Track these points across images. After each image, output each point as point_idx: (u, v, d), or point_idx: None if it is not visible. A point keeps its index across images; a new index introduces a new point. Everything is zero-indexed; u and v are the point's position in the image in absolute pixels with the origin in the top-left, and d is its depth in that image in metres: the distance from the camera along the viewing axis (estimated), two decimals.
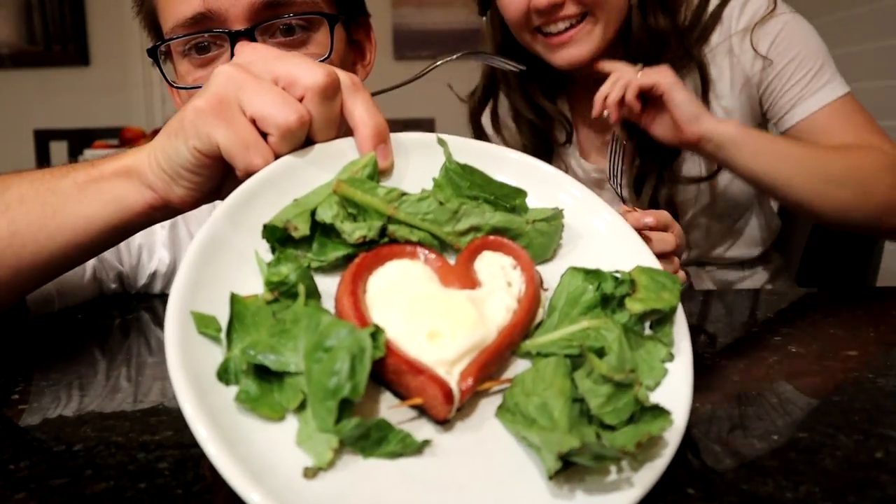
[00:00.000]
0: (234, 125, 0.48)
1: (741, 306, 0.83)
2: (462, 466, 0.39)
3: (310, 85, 0.48)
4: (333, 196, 0.46)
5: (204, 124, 0.49)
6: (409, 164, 0.51)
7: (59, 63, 3.87)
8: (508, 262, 0.48)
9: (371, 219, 0.46)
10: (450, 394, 0.39)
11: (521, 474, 0.39)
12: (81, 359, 0.68)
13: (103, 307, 0.90)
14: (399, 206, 0.46)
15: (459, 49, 1.19)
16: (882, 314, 0.80)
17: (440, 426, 0.41)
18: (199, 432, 0.36)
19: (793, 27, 1.12)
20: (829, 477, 0.41)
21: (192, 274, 0.42)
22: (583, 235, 0.52)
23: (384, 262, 0.45)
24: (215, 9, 0.80)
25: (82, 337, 0.77)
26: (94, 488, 0.42)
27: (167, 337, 0.39)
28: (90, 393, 0.59)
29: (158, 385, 0.61)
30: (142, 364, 0.67)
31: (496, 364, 0.43)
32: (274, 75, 0.50)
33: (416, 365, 0.40)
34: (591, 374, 0.41)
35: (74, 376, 0.63)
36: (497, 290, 0.46)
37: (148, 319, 0.85)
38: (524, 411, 0.40)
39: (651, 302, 0.45)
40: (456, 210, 0.47)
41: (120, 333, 0.79)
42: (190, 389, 0.37)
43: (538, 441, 0.38)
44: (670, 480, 0.41)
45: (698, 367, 0.61)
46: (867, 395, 0.54)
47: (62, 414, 0.54)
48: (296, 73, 0.49)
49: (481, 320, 0.43)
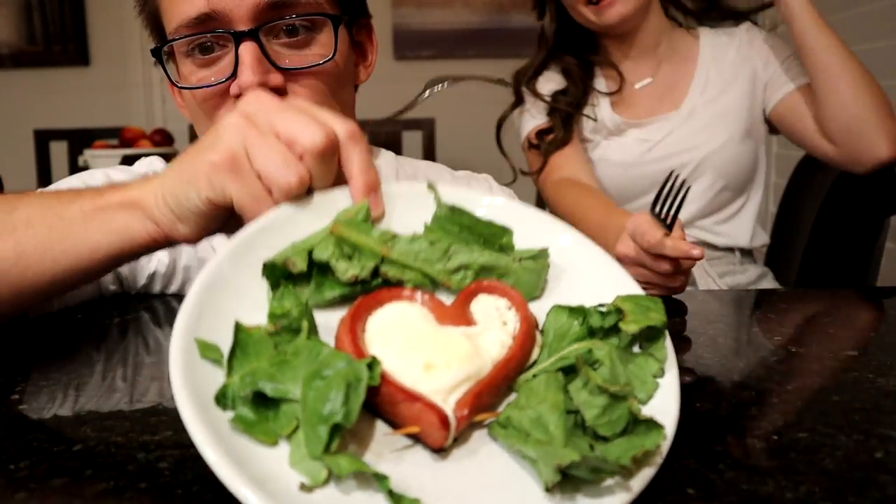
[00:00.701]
0: (246, 181, 0.52)
1: (741, 306, 0.83)
2: (459, 476, 0.40)
3: (308, 147, 0.51)
4: (330, 237, 0.48)
5: (219, 179, 0.53)
6: (401, 212, 0.53)
7: (59, 63, 3.86)
8: (503, 304, 0.49)
9: (365, 259, 0.48)
10: (446, 420, 0.40)
11: (517, 483, 0.39)
12: (81, 359, 0.68)
13: (103, 307, 0.90)
14: (392, 246, 0.49)
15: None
16: (882, 314, 0.80)
17: (436, 454, 0.41)
18: (199, 443, 0.37)
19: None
20: (829, 477, 0.41)
21: (195, 306, 0.44)
22: (567, 272, 0.53)
23: (383, 305, 0.47)
24: (220, 9, 0.80)
25: (82, 337, 0.78)
26: (94, 488, 0.42)
27: (172, 360, 0.40)
28: (90, 393, 0.59)
29: (158, 385, 0.61)
30: (141, 364, 0.67)
31: (492, 396, 0.44)
32: (276, 130, 0.52)
33: (412, 394, 0.41)
34: (587, 386, 0.42)
35: (74, 376, 0.63)
36: (492, 327, 0.47)
37: (147, 320, 0.85)
38: (518, 425, 0.41)
39: (643, 321, 0.46)
40: (446, 249, 0.50)
41: (119, 334, 0.79)
42: (193, 407, 0.38)
43: (534, 454, 0.39)
44: (670, 480, 0.41)
45: (699, 367, 0.61)
46: (867, 395, 0.54)
47: (62, 414, 0.54)
48: (295, 133, 0.51)
49: (476, 353, 0.44)
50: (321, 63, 0.84)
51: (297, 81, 0.83)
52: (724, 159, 1.41)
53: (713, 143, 1.42)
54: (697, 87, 1.46)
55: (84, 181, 0.97)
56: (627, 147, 1.47)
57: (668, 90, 1.49)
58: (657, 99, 1.49)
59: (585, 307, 0.48)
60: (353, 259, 0.48)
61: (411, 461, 0.40)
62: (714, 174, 1.42)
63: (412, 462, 0.40)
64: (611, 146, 1.47)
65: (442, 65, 4.06)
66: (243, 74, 0.79)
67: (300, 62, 0.84)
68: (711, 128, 1.43)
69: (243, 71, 0.79)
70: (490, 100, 1.71)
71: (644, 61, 1.49)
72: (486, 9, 3.86)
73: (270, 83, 0.81)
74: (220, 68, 0.83)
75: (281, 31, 0.83)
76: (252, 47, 0.80)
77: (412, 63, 4.02)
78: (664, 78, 1.49)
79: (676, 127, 1.45)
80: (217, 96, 0.84)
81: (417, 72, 4.10)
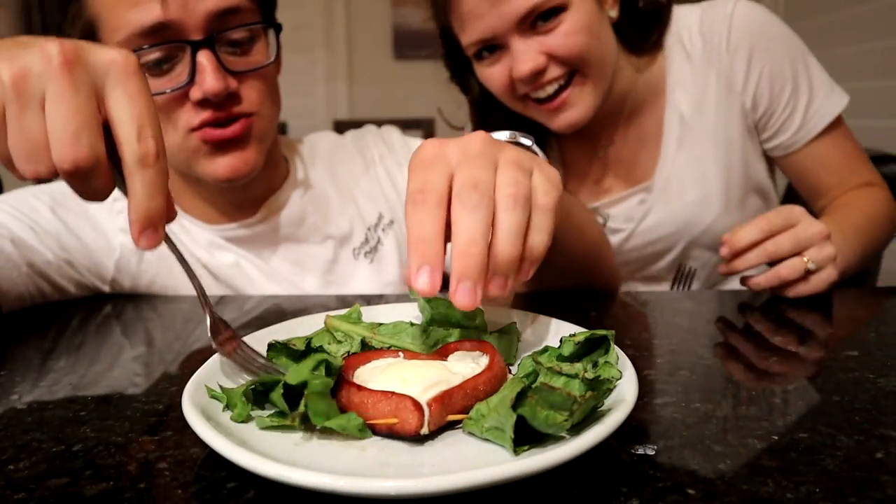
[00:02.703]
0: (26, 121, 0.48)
1: (741, 306, 0.83)
2: (434, 455, 0.43)
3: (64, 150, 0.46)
4: (324, 330, 0.60)
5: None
6: (387, 313, 0.64)
7: None
8: (476, 354, 0.54)
9: (353, 341, 0.59)
10: (418, 404, 0.44)
11: (490, 455, 0.42)
12: (81, 359, 0.68)
13: (100, 306, 0.90)
14: (377, 331, 0.59)
15: None
16: (882, 314, 0.80)
17: (414, 443, 0.44)
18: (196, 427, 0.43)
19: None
20: (829, 477, 0.41)
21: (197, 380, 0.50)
22: (533, 344, 0.58)
23: (367, 362, 0.54)
24: (175, 19, 0.84)
25: (82, 337, 0.78)
26: (94, 488, 0.42)
27: (185, 397, 0.46)
28: (89, 393, 0.59)
29: (158, 385, 0.61)
30: (142, 364, 0.67)
31: (463, 399, 0.47)
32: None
33: (388, 392, 0.45)
34: (547, 374, 0.49)
35: (74, 376, 0.63)
36: (465, 361, 0.53)
37: (147, 320, 0.85)
38: (482, 412, 0.45)
39: (588, 333, 0.52)
40: (424, 329, 0.58)
41: (119, 334, 0.79)
42: (196, 409, 0.44)
43: (497, 423, 0.42)
44: (670, 480, 0.41)
45: (699, 366, 0.61)
46: (867, 395, 0.54)
47: (62, 414, 0.54)
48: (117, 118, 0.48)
49: (447, 372, 0.49)
50: (266, 65, 0.92)
51: (244, 83, 0.90)
52: (723, 231, 1.08)
53: (704, 217, 1.14)
54: (672, 133, 1.15)
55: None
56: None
57: (638, 149, 1.18)
58: (625, 166, 1.20)
59: (547, 345, 0.54)
60: (344, 343, 0.58)
61: (391, 448, 0.44)
62: (711, 250, 1.17)
63: (392, 449, 0.44)
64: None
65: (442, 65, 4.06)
66: (207, 81, 0.85)
67: (246, 66, 0.91)
68: (694, 202, 1.14)
69: (206, 78, 0.85)
70: None
71: (605, 128, 1.19)
72: None
73: (231, 87, 0.87)
74: (175, 76, 0.87)
75: (228, 39, 0.89)
76: (210, 55, 0.86)
77: (412, 63, 4.03)
78: (633, 133, 1.19)
79: (655, 202, 1.17)
80: (173, 102, 0.88)
81: (417, 71, 4.10)
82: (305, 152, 1.13)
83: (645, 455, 0.44)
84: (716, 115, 1.13)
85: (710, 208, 1.14)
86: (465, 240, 0.45)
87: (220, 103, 0.88)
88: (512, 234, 0.47)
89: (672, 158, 1.15)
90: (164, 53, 0.86)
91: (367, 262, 1.07)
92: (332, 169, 1.11)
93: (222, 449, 0.40)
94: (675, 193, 1.15)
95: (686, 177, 1.14)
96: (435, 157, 0.49)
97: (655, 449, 0.45)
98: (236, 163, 0.92)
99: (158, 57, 0.86)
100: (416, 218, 0.46)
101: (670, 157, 1.15)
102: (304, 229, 1.05)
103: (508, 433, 0.41)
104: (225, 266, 1.00)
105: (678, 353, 0.66)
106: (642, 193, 1.17)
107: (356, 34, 4.06)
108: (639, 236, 1.18)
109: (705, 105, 1.13)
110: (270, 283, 1.01)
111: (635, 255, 1.20)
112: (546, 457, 0.37)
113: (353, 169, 1.12)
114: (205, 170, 0.92)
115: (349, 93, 4.11)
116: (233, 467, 0.42)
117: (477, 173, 0.47)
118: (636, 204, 1.18)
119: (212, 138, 0.89)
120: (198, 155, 0.91)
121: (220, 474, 0.43)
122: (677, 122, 1.14)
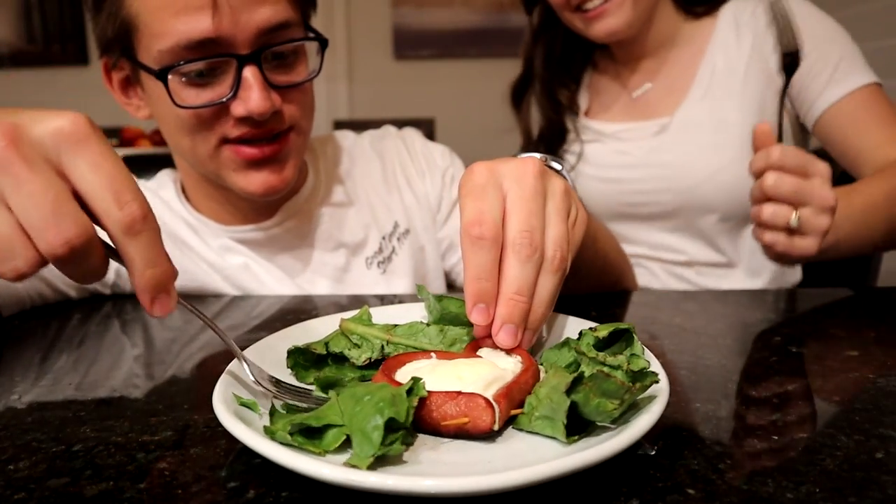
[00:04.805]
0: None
1: (741, 306, 0.83)
2: (507, 449, 0.44)
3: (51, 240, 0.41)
4: (339, 334, 0.58)
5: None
6: (399, 314, 0.63)
7: (58, 63, 3.87)
8: (502, 351, 0.54)
9: (372, 344, 0.57)
10: (490, 403, 0.44)
11: (542, 449, 0.43)
12: (81, 359, 0.68)
13: (100, 306, 0.90)
14: (394, 332, 0.58)
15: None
16: (882, 314, 0.80)
17: (485, 441, 0.44)
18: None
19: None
20: (829, 477, 0.41)
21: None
22: (549, 340, 0.59)
23: (404, 364, 0.52)
24: (225, 34, 0.81)
25: (81, 337, 0.78)
26: (94, 488, 0.42)
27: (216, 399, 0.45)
28: (89, 393, 0.59)
29: (158, 386, 0.61)
30: (142, 365, 0.67)
31: (518, 394, 0.47)
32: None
33: (455, 392, 0.45)
34: (590, 364, 0.50)
35: (74, 376, 0.63)
36: (501, 357, 0.53)
37: (147, 320, 0.85)
38: (532, 404, 0.46)
39: (610, 326, 0.52)
40: (441, 329, 0.58)
41: (119, 334, 0.79)
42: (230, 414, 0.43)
43: (548, 412, 0.43)
44: (670, 480, 0.41)
45: (699, 366, 0.61)
46: (867, 395, 0.54)
47: (62, 414, 0.54)
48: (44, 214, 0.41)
49: (496, 368, 0.50)
50: (310, 78, 0.91)
51: (285, 98, 0.88)
52: (723, 187, 1.18)
53: (712, 163, 1.18)
54: (701, 84, 1.22)
55: None
56: (604, 157, 1.28)
57: (665, 95, 1.26)
58: (651, 106, 1.28)
59: (569, 338, 0.55)
60: (362, 346, 0.57)
61: (460, 447, 0.44)
62: (703, 209, 1.21)
63: (461, 447, 0.44)
64: (586, 154, 1.31)
65: (442, 65, 4.06)
66: (253, 99, 0.83)
67: (289, 81, 0.88)
68: (708, 145, 1.19)
69: (252, 95, 0.83)
70: (489, 99, 1.71)
71: (644, 65, 1.28)
72: (485, 8, 3.86)
73: (276, 105, 0.85)
74: (216, 87, 0.85)
75: (273, 54, 0.86)
76: (256, 71, 0.83)
77: (412, 63, 4.02)
78: (662, 81, 1.27)
79: (669, 138, 1.23)
80: (213, 115, 0.86)
81: (417, 71, 4.10)
82: (323, 153, 1.11)
83: (645, 455, 0.44)
84: (745, 77, 1.19)
85: (720, 156, 1.18)
86: (515, 289, 0.51)
87: (262, 121, 0.86)
88: (548, 299, 0.53)
89: (696, 102, 1.22)
90: (208, 66, 0.83)
91: (379, 272, 1.04)
92: (349, 173, 1.09)
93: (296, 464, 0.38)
94: (692, 133, 1.21)
95: (704, 120, 1.20)
96: (487, 183, 0.52)
97: (655, 449, 0.45)
98: (271, 180, 0.90)
99: (201, 69, 0.83)
100: (475, 259, 0.51)
101: (695, 101, 1.22)
102: (318, 235, 1.03)
103: (561, 419, 0.42)
104: (234, 268, 0.99)
105: (678, 353, 0.66)
106: (659, 127, 1.24)
107: (356, 34, 4.05)
108: (645, 168, 1.24)
109: (739, 66, 1.20)
110: (280, 286, 0.99)
111: (628, 188, 1.26)
112: (620, 439, 0.39)
113: (371, 174, 1.10)
114: (237, 183, 0.90)
115: (349, 93, 4.10)
116: (233, 467, 0.42)
117: (533, 223, 0.52)
118: (651, 135, 1.25)
119: (246, 157, 0.87)
120: (229, 168, 0.89)
121: (220, 474, 0.43)
122: (709, 74, 1.22)
